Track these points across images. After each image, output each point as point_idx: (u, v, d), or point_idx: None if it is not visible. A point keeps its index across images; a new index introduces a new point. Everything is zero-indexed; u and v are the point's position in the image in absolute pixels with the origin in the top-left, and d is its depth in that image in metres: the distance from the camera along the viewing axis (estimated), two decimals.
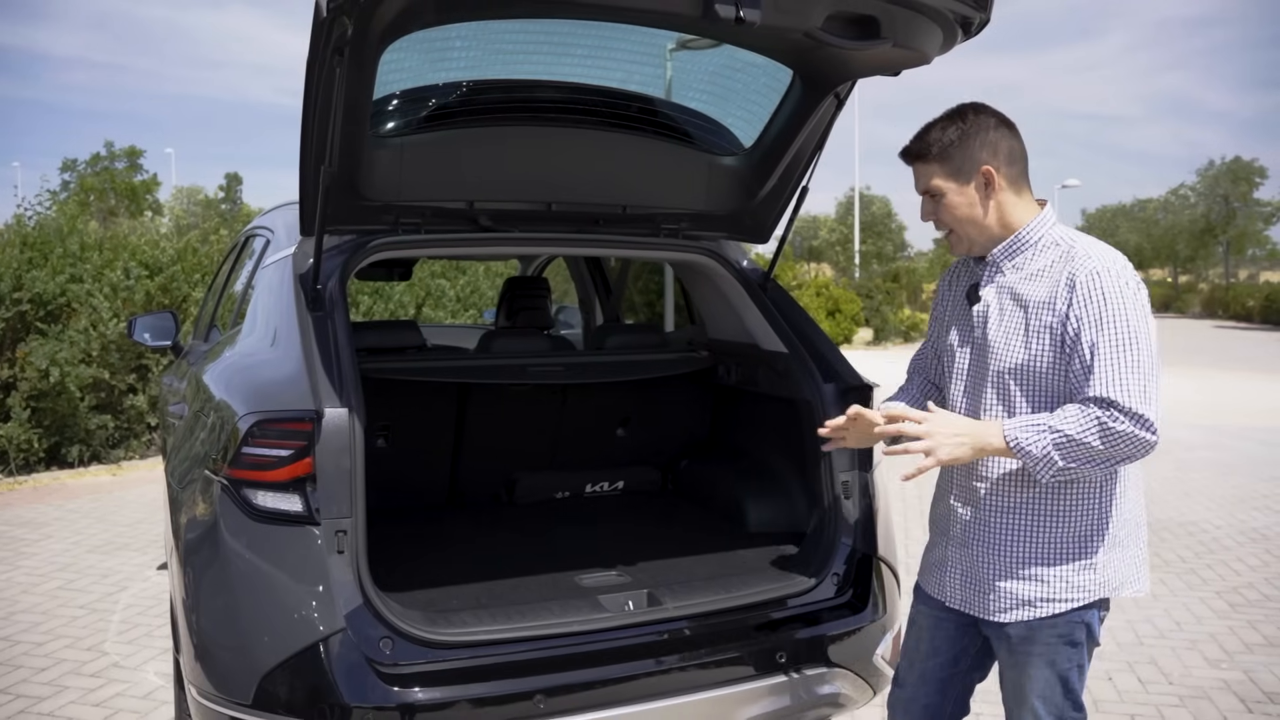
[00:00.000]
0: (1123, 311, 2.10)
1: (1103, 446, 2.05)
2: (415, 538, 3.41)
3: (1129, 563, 2.27)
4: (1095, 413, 2.05)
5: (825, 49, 2.60)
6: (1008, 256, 2.28)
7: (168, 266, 10.05)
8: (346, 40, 2.30)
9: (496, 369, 3.69)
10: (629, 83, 3.08)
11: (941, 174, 2.27)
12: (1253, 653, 4.67)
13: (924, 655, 2.48)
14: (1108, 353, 2.07)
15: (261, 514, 2.45)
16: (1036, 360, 2.19)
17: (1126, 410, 2.03)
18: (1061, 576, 2.22)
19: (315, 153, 2.61)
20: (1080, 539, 2.22)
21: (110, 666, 4.44)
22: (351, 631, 2.38)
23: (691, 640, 2.68)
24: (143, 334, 4.86)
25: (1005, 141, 2.26)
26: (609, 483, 4.04)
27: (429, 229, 3.07)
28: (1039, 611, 2.22)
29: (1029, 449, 2.09)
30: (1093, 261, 2.15)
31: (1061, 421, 2.08)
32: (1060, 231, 2.26)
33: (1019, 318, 2.22)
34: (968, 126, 2.25)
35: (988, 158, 2.24)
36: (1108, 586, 2.24)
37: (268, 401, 2.57)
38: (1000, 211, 2.27)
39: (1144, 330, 2.10)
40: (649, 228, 3.37)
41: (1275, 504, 7.79)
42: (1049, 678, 2.25)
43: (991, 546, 2.28)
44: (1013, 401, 2.24)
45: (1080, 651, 2.26)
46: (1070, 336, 2.13)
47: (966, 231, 2.30)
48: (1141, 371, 2.06)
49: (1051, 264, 2.21)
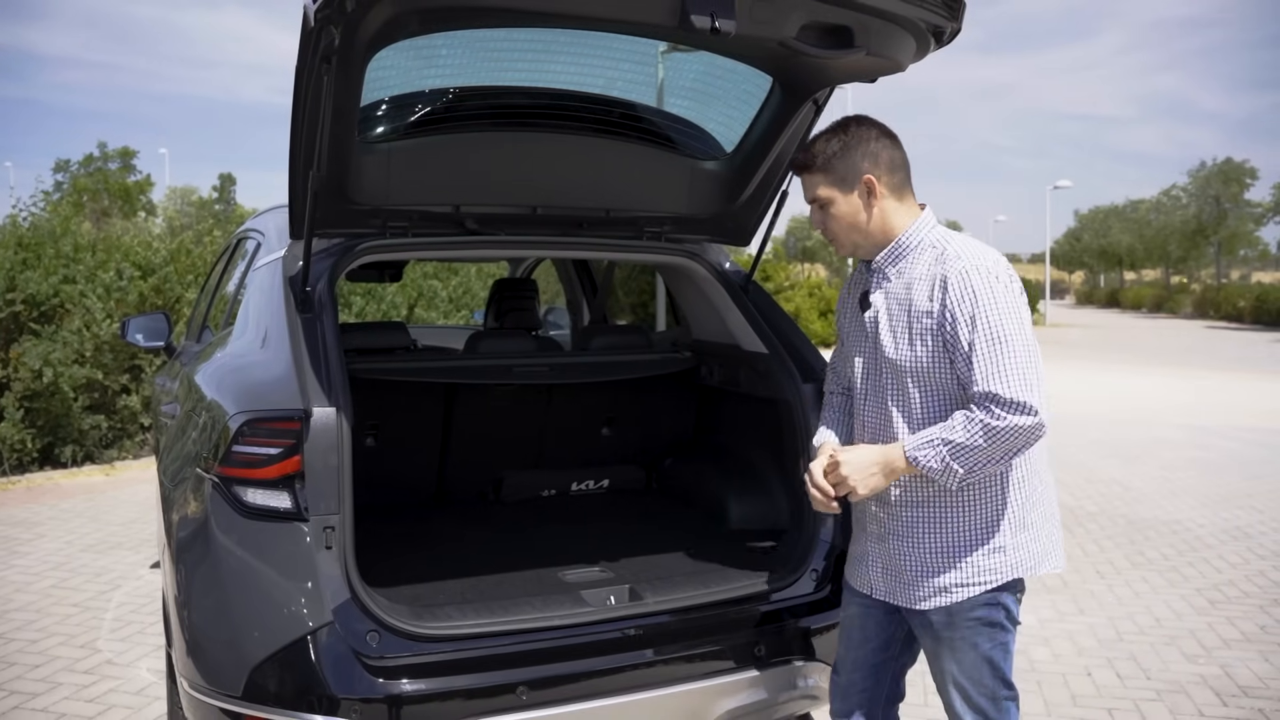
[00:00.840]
0: (994, 306, 2.21)
1: (990, 445, 2.16)
2: (403, 534, 3.46)
3: (1040, 543, 2.39)
4: (978, 416, 2.17)
5: (803, 58, 2.66)
6: (891, 263, 2.40)
7: (161, 267, 10.07)
8: (334, 49, 2.35)
9: (483, 369, 3.75)
10: (615, 86, 3.14)
11: (826, 183, 2.40)
12: (1230, 648, 4.74)
13: (856, 643, 2.59)
14: (984, 348, 2.19)
15: (251, 511, 2.50)
16: (923, 361, 2.32)
17: (1008, 401, 2.14)
18: (973, 562, 2.33)
19: (304, 158, 2.66)
20: (987, 525, 2.34)
21: (103, 663, 4.48)
22: (339, 625, 2.43)
23: (671, 634, 2.72)
24: (135, 335, 4.89)
25: (886, 151, 2.39)
26: (594, 481, 4.10)
27: (416, 232, 3.12)
28: (955, 597, 2.34)
29: (930, 464, 2.22)
30: (962, 261, 2.27)
31: (950, 431, 2.20)
32: (937, 234, 2.38)
33: (904, 322, 2.35)
34: (849, 138, 2.38)
35: (869, 167, 2.37)
36: (1019, 567, 2.36)
37: (257, 401, 2.62)
38: (883, 218, 2.39)
39: (1016, 321, 2.21)
40: (632, 231, 3.42)
41: (1259, 503, 7.86)
42: (974, 660, 2.37)
43: (906, 540, 2.40)
44: (910, 402, 2.36)
45: (1001, 632, 2.37)
46: (949, 336, 2.26)
47: (851, 238, 2.43)
48: (1018, 361, 2.17)
49: (928, 267, 2.33)
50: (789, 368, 3.20)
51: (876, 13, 2.45)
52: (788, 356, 3.24)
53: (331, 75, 2.43)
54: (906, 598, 2.41)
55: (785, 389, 3.19)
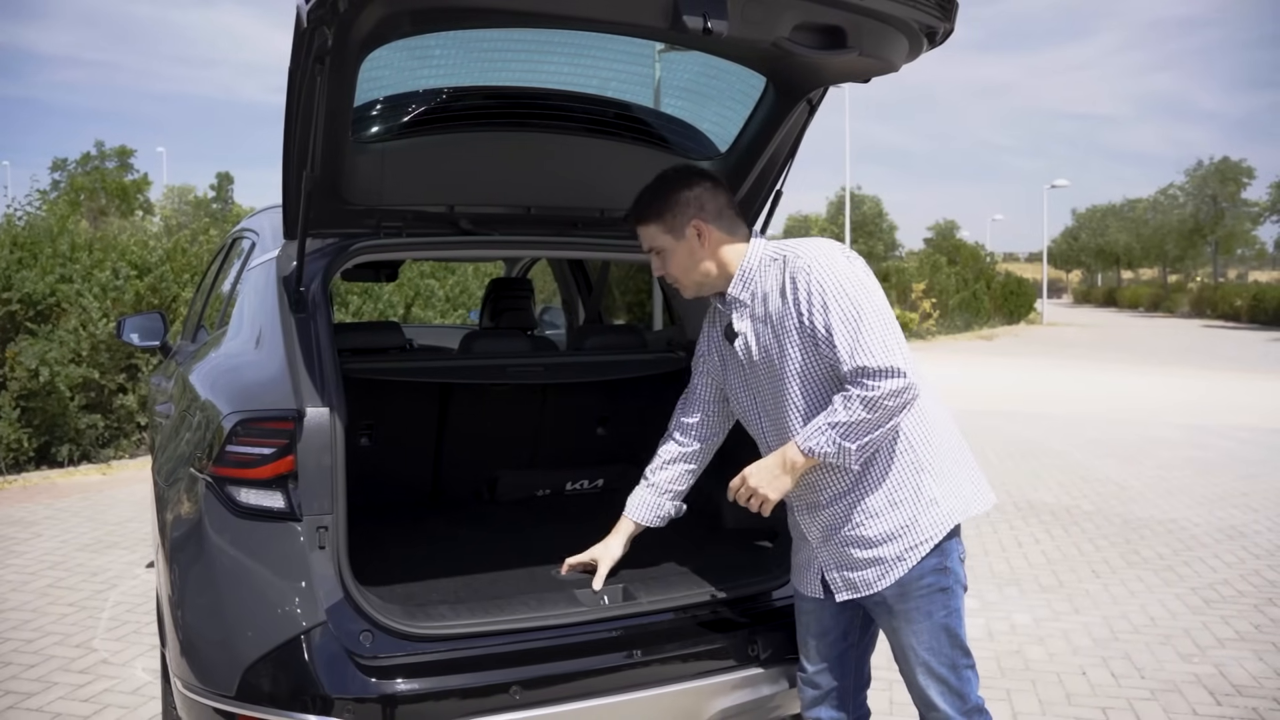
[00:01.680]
0: (839, 287, 2.30)
1: (874, 415, 2.25)
2: (397, 534, 3.46)
3: (965, 484, 2.47)
4: (854, 392, 2.25)
5: (796, 57, 2.66)
6: (743, 288, 2.50)
7: (157, 267, 10.08)
8: (327, 50, 2.35)
9: (477, 369, 3.75)
10: (610, 86, 3.14)
11: (660, 232, 2.54)
12: (1224, 647, 4.75)
13: (815, 636, 2.64)
14: (840, 328, 2.28)
15: (245, 511, 2.50)
16: (799, 364, 2.40)
17: (876, 370, 2.23)
18: (912, 524, 2.40)
19: (298, 158, 2.66)
20: (911, 486, 2.41)
21: (99, 663, 4.49)
22: (332, 625, 2.43)
23: (666, 633, 2.72)
24: (131, 334, 4.89)
25: (708, 195, 2.52)
26: (589, 480, 4.10)
27: (410, 232, 3.12)
28: (908, 564, 2.40)
29: (824, 449, 2.31)
30: (802, 259, 2.37)
31: (833, 415, 2.29)
32: (772, 248, 2.49)
33: (770, 334, 2.44)
34: (674, 188, 2.52)
35: (695, 212, 2.50)
36: (954, 514, 2.43)
37: (251, 401, 2.62)
38: (717, 255, 2.51)
39: (864, 296, 2.30)
40: (627, 230, 3.42)
41: (1254, 502, 7.87)
42: (931, 629, 2.43)
43: (844, 529, 2.46)
44: (801, 408, 2.43)
45: (951, 596, 2.44)
46: (809, 328, 2.34)
47: (692, 279, 2.55)
48: (874, 330, 2.26)
49: (775, 277, 2.44)
50: None
51: (869, 13, 2.45)
52: None
53: (325, 75, 2.42)
54: (864, 585, 2.46)
55: None
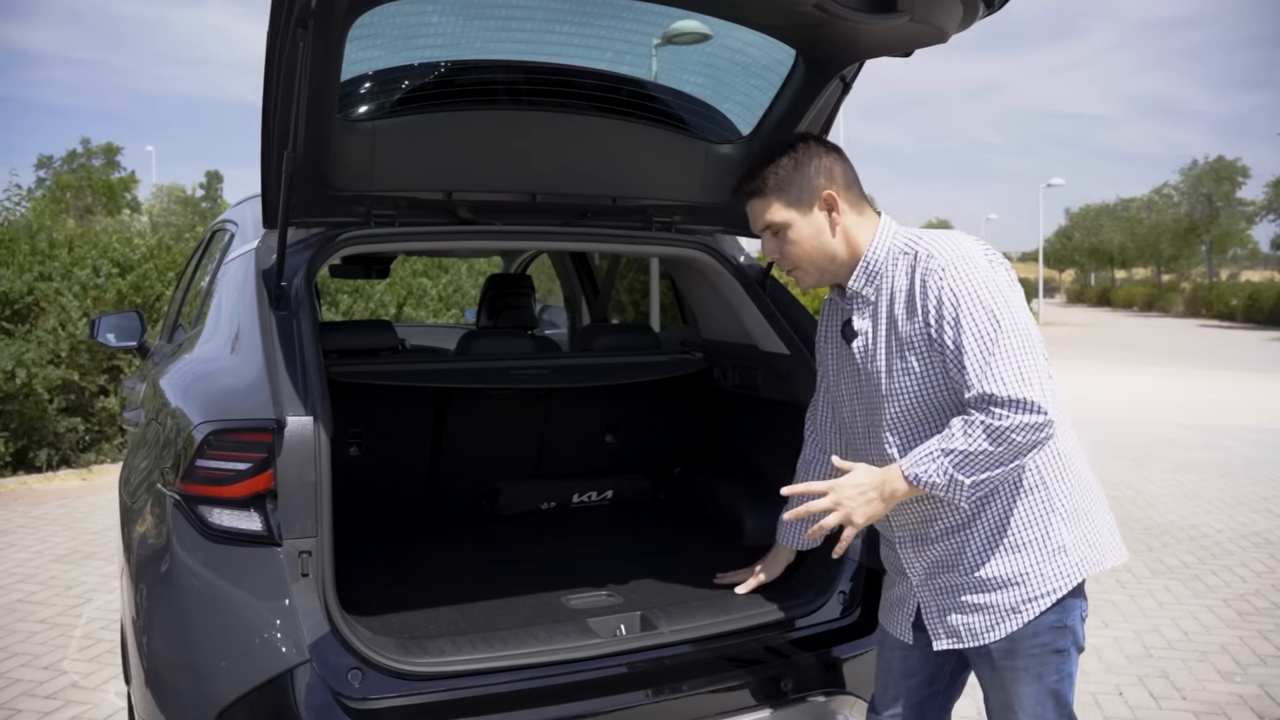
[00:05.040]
0: (976, 299, 1.99)
1: (998, 449, 1.93)
2: (390, 554, 3.19)
3: (1100, 534, 2.16)
4: (977, 418, 1.94)
5: (832, 25, 2.40)
6: (867, 282, 2.18)
7: (140, 264, 9.79)
8: (310, 11, 2.10)
9: (477, 372, 3.48)
10: (623, 61, 2.87)
11: (781, 205, 2.19)
12: (1266, 665, 4.50)
13: (897, 677, 2.33)
14: (972, 347, 1.97)
15: (217, 534, 2.24)
16: (922, 380, 2.08)
17: (1006, 400, 1.92)
18: (1036, 571, 2.08)
19: (278, 137, 2.39)
20: (1043, 526, 2.09)
21: (69, 687, 4.20)
22: (316, 663, 2.18)
23: (689, 668, 2.48)
24: (106, 334, 4.63)
25: (838, 166, 2.20)
26: (597, 492, 3.84)
27: (404, 221, 2.86)
28: (1024, 616, 2.08)
29: (931, 479, 1.99)
30: (936, 260, 2.06)
31: (949, 440, 1.97)
32: (904, 238, 2.16)
33: (894, 340, 2.12)
34: (800, 155, 2.19)
35: (826, 182, 2.17)
36: (1084, 565, 2.10)
37: (224, 409, 2.35)
38: (846, 235, 2.19)
39: (1004, 311, 1.98)
40: (640, 220, 3.17)
41: (1275, 507, 7.65)
42: (1037, 693, 2.11)
43: (959, 569, 2.13)
44: (913, 431, 2.12)
45: (1066, 660, 2.12)
46: (938, 343, 2.03)
47: (816, 263, 2.21)
48: (1011, 354, 1.95)
49: (905, 275, 2.11)
50: (813, 370, 2.94)
51: None
52: (811, 358, 2.98)
53: (308, 42, 2.16)
54: (970, 635, 2.13)
55: (808, 392, 2.93)
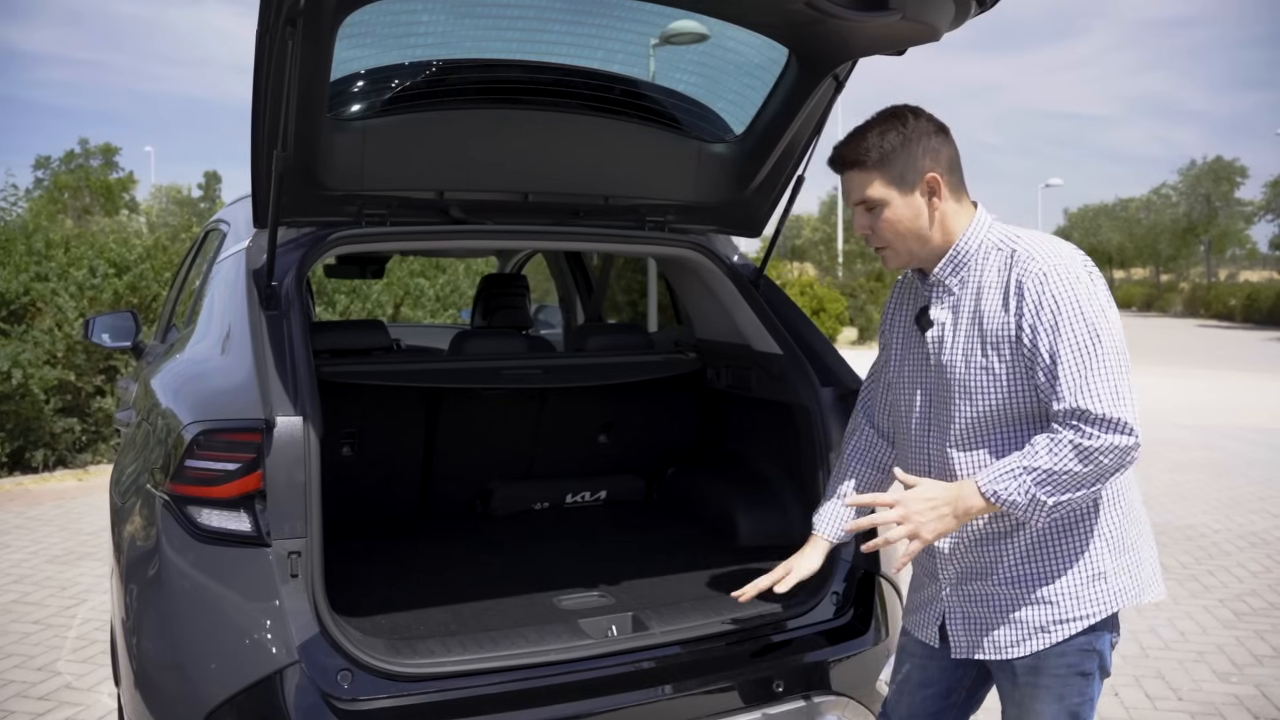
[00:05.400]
0: (1077, 310, 1.92)
1: (1085, 469, 1.87)
2: (382, 555, 3.18)
3: (1142, 566, 2.09)
4: (1066, 436, 1.88)
5: (825, 24, 2.39)
6: (952, 272, 2.10)
7: (136, 264, 9.75)
8: (299, 10, 2.09)
9: (469, 372, 3.47)
10: (615, 60, 2.86)
11: (883, 182, 2.07)
12: (1263, 665, 4.48)
13: (914, 686, 2.27)
14: (1069, 358, 1.90)
15: (206, 534, 2.23)
16: (1003, 382, 2.00)
17: (1099, 418, 1.86)
18: (1071, 594, 2.02)
19: (267, 136, 2.39)
20: (1085, 549, 2.03)
21: (62, 688, 4.18)
22: (305, 665, 2.17)
23: (681, 669, 2.46)
24: (101, 334, 4.61)
25: (945, 148, 2.10)
26: (591, 493, 3.83)
27: (395, 221, 2.85)
28: (1052, 637, 2.02)
29: (1011, 498, 1.91)
30: (1037, 262, 1.97)
31: (1034, 458, 1.90)
32: (1000, 234, 2.08)
33: (975, 338, 2.04)
34: (909, 131, 2.06)
35: (931, 164, 2.06)
36: (1123, 595, 2.05)
37: (213, 410, 2.34)
38: (943, 221, 2.09)
39: (1104, 325, 1.92)
40: (633, 220, 3.15)
41: (1272, 506, 7.63)
42: (1057, 713, 2.06)
43: (990, 578, 2.08)
44: (984, 430, 2.05)
45: (1091, 683, 2.07)
46: (1028, 348, 1.95)
47: (908, 245, 2.11)
48: (1108, 371, 1.89)
49: (998, 272, 2.03)
50: (806, 370, 2.93)
51: None
52: (804, 358, 2.97)
53: (297, 41, 2.15)
54: (994, 648, 2.08)
55: (802, 393, 2.92)
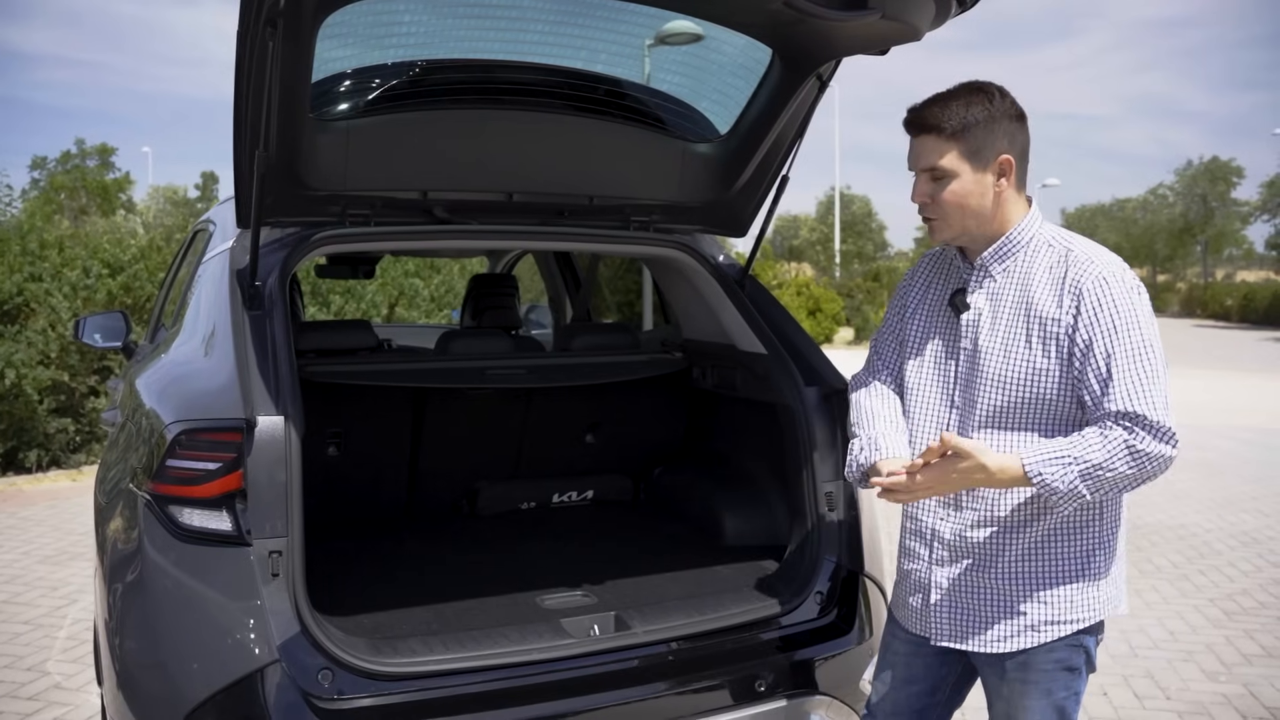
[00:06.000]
0: (1135, 319, 1.95)
1: (1132, 471, 1.90)
2: (367, 554, 3.18)
3: (1121, 577, 2.14)
4: (1119, 435, 1.89)
5: (806, 24, 2.39)
6: (998, 259, 2.09)
7: (130, 265, 9.74)
8: (279, 11, 2.09)
9: (454, 372, 3.47)
10: (599, 60, 2.86)
11: (957, 153, 2.03)
12: (1251, 664, 4.49)
13: (899, 683, 2.28)
14: (1126, 363, 1.92)
15: (187, 533, 2.23)
16: (1041, 373, 2.01)
17: (1152, 424, 1.89)
18: (1066, 596, 2.04)
19: (249, 137, 2.39)
20: (1087, 554, 2.05)
21: (51, 688, 4.18)
22: (286, 664, 2.17)
23: (663, 668, 2.47)
24: (92, 335, 4.59)
25: (1022, 135, 2.08)
26: (577, 492, 3.83)
27: (379, 221, 2.85)
28: (1043, 636, 2.04)
29: (1054, 484, 1.90)
30: (1097, 267, 1.99)
31: (1085, 449, 1.90)
32: (1050, 231, 2.10)
33: (1019, 328, 2.04)
34: (994, 108, 2.04)
35: (1007, 146, 2.05)
36: (1110, 604, 2.09)
37: (194, 409, 2.35)
38: (1003, 206, 2.07)
39: (1155, 337, 1.96)
40: (618, 220, 3.15)
41: (1264, 506, 7.65)
42: (1044, 709, 2.08)
43: (990, 571, 2.08)
44: (1008, 418, 2.05)
45: (1077, 678, 2.09)
46: (1081, 347, 1.96)
47: (964, 221, 2.07)
48: (1160, 382, 1.92)
49: (1050, 268, 2.04)
50: (790, 370, 2.93)
51: None
52: (789, 358, 2.97)
53: (278, 40, 2.15)
54: (983, 641, 2.09)
55: (786, 393, 2.92)
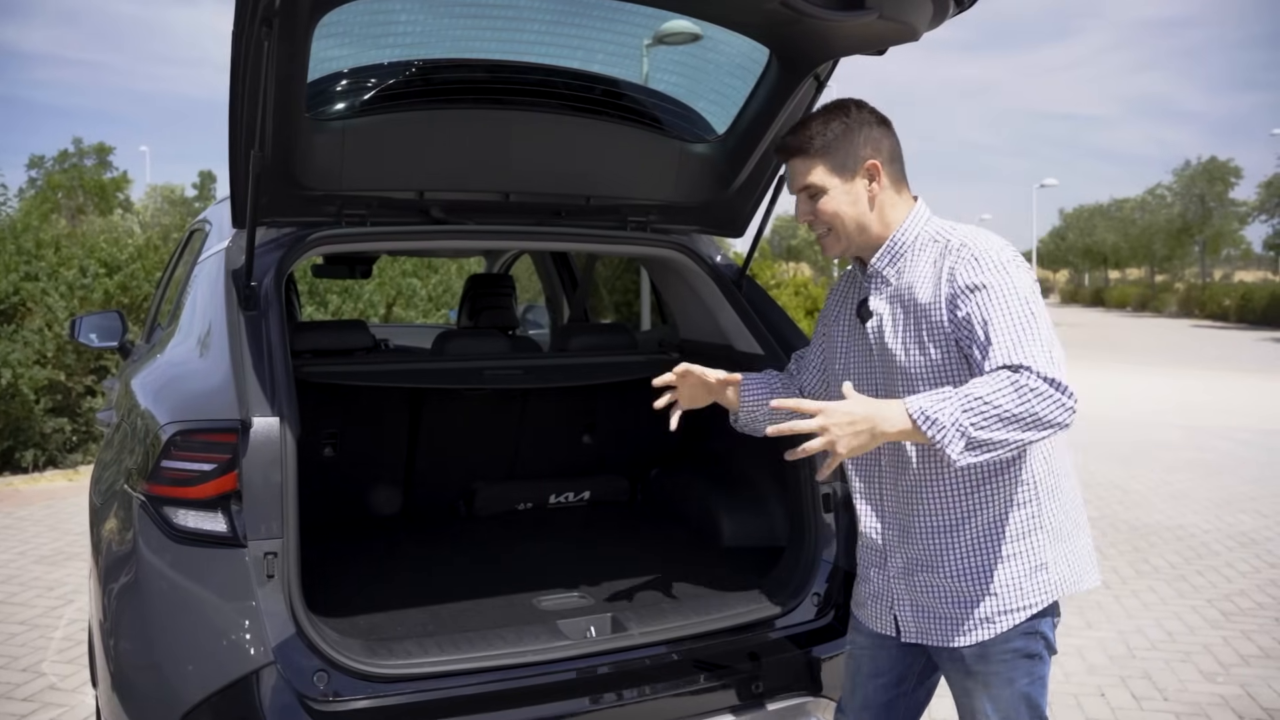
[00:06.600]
0: (1010, 285, 1.95)
1: (1018, 407, 1.80)
2: (363, 555, 3.17)
3: (1078, 554, 2.15)
4: (1004, 373, 1.85)
5: (803, 24, 2.39)
6: (889, 262, 2.16)
7: (128, 264, 9.73)
8: (275, 10, 2.08)
9: (450, 372, 3.46)
10: (596, 60, 2.86)
11: (825, 169, 2.14)
12: (1249, 665, 4.49)
13: (866, 677, 2.31)
14: (1004, 325, 1.90)
15: (182, 535, 2.23)
16: (939, 367, 2.05)
17: (1038, 372, 1.83)
18: (1014, 584, 2.07)
19: (245, 136, 2.38)
20: (1025, 540, 2.07)
21: (46, 689, 4.17)
22: (281, 665, 2.16)
23: (659, 670, 2.46)
24: (88, 334, 4.59)
25: (886, 139, 2.17)
26: (574, 493, 3.82)
27: (375, 221, 2.84)
28: (998, 627, 2.07)
29: (936, 417, 1.82)
30: (969, 248, 2.03)
31: (969, 387, 1.85)
32: (936, 227, 2.14)
33: (911, 326, 2.09)
34: (851, 121, 2.14)
35: (871, 153, 2.14)
36: (1063, 585, 2.10)
37: (189, 410, 2.34)
38: (881, 211, 2.16)
39: (1037, 303, 1.95)
40: (615, 220, 3.15)
41: (1262, 507, 7.64)
42: (1010, 698, 2.10)
43: (940, 571, 2.11)
44: None
45: (1038, 664, 2.11)
46: (963, 324, 1.97)
47: (847, 230, 2.16)
48: (1043, 341, 1.88)
49: (933, 263, 2.08)
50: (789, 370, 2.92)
51: None
52: (786, 358, 2.96)
53: (273, 40, 2.14)
54: (940, 635, 2.12)
55: None
